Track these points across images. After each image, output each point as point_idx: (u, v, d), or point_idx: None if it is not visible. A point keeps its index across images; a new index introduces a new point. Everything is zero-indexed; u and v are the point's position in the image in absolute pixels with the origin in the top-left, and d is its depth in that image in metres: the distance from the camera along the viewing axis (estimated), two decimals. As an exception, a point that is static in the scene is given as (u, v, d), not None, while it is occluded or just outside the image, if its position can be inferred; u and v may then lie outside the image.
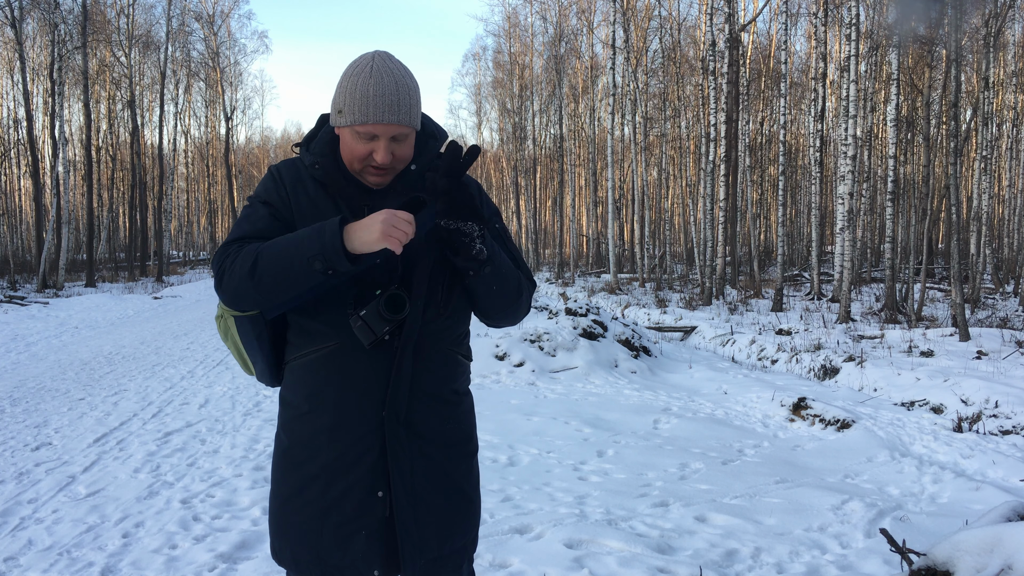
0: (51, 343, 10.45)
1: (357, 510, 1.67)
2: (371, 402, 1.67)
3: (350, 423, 1.67)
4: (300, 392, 1.72)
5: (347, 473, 1.67)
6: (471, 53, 41.53)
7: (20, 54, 21.87)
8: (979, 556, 2.35)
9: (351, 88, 1.64)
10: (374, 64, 1.65)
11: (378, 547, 1.68)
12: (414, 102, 1.68)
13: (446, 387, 1.76)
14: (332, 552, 1.68)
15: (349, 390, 1.67)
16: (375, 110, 1.62)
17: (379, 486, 1.67)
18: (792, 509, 4.06)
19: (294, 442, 1.73)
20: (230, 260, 1.63)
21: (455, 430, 1.79)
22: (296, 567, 1.73)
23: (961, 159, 16.12)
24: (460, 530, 1.77)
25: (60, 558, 3.31)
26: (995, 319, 12.60)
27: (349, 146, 1.68)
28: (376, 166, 1.67)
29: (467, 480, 1.81)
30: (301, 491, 1.71)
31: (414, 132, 1.72)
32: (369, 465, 1.67)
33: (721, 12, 19.18)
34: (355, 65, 1.67)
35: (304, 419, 1.71)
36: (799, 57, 31.47)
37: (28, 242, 32.90)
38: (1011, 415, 6.16)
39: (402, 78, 1.66)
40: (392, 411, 1.67)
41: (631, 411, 6.49)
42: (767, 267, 28.41)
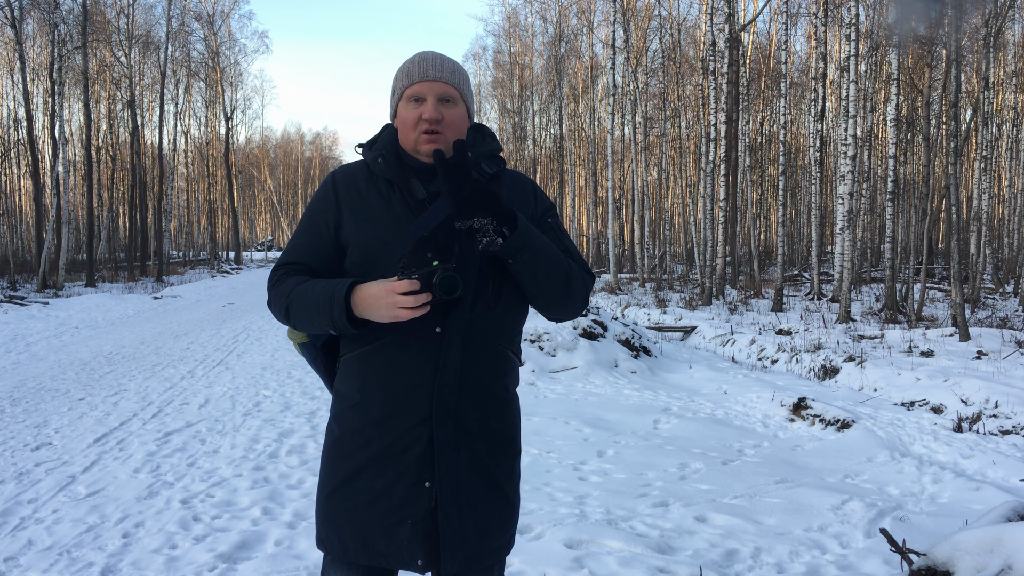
0: (51, 343, 10.45)
1: (404, 499, 1.70)
2: (421, 394, 1.69)
3: (400, 414, 1.70)
4: (352, 384, 1.76)
5: (395, 463, 1.70)
6: (471, 53, 41.51)
7: (20, 54, 21.87)
8: (979, 556, 2.35)
9: (402, 66, 1.78)
10: (427, 51, 1.80)
11: (422, 537, 1.70)
12: (459, 70, 1.79)
13: (496, 383, 1.78)
14: (379, 539, 1.71)
15: (399, 381, 1.70)
16: (420, 69, 1.74)
17: (426, 477, 1.70)
18: (792, 509, 4.06)
19: (345, 431, 1.76)
20: (274, 292, 1.80)
21: (501, 428, 1.80)
22: (344, 553, 1.75)
23: (961, 159, 16.12)
24: (499, 529, 1.79)
25: (60, 558, 3.31)
26: (995, 319, 12.60)
27: (403, 119, 1.76)
28: (428, 125, 1.71)
29: (508, 480, 1.82)
30: (351, 479, 1.74)
31: (464, 105, 1.79)
32: (416, 456, 1.69)
33: (721, 12, 19.18)
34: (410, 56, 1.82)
35: (356, 409, 1.75)
36: (799, 57, 31.49)
37: (28, 242, 32.90)
38: (1011, 415, 6.16)
39: (446, 55, 1.80)
40: (440, 403, 1.69)
41: (631, 411, 6.49)
42: (767, 267, 28.41)
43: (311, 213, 1.83)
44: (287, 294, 1.75)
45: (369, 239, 1.74)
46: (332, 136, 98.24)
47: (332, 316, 1.65)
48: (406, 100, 1.75)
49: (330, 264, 1.81)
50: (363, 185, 1.79)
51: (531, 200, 1.87)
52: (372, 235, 1.73)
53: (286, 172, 74.02)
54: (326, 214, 1.79)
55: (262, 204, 73.77)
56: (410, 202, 1.73)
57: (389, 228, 1.73)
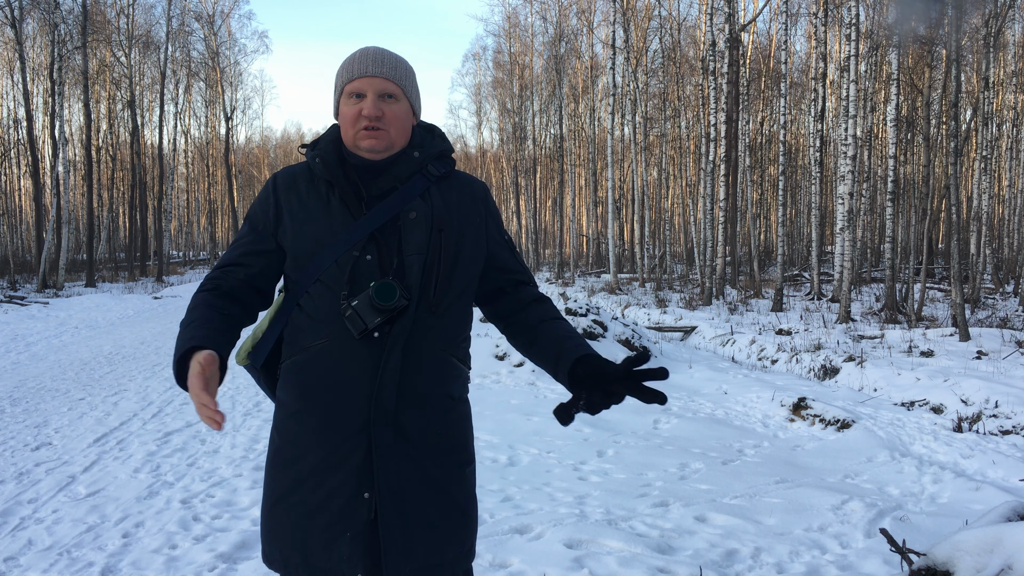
0: (51, 343, 10.45)
1: (343, 511, 1.64)
2: (359, 401, 1.63)
3: (338, 422, 1.64)
4: (291, 391, 1.71)
5: (334, 473, 1.64)
6: (471, 53, 41.57)
7: (20, 54, 21.87)
8: (979, 556, 2.35)
9: (341, 64, 1.74)
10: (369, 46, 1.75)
11: (362, 550, 1.64)
12: (401, 65, 1.73)
13: (438, 390, 1.71)
14: (319, 554, 1.65)
15: (338, 388, 1.64)
16: (360, 65, 1.69)
17: (365, 487, 1.64)
18: (792, 509, 4.06)
19: (285, 441, 1.71)
20: (191, 301, 1.74)
21: (446, 437, 1.73)
22: (285, 569, 1.70)
23: (961, 159, 16.12)
24: (452, 541, 1.72)
25: (60, 558, 3.31)
26: (995, 319, 12.60)
27: (343, 115, 1.71)
28: (367, 122, 1.67)
29: (460, 490, 1.75)
30: (291, 491, 1.68)
31: (407, 102, 1.74)
32: (355, 465, 1.63)
33: (721, 12, 19.18)
34: None
35: (295, 418, 1.69)
36: (799, 57, 31.49)
37: (28, 242, 32.91)
38: (1011, 415, 6.16)
39: (389, 50, 1.73)
40: (379, 410, 1.63)
41: (631, 411, 6.49)
42: (767, 267, 28.42)
43: (251, 215, 1.78)
44: (189, 309, 1.70)
45: (305, 241, 1.69)
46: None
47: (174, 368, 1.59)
48: (346, 96, 1.70)
49: (271, 267, 1.76)
50: (303, 187, 1.73)
51: (480, 207, 1.81)
52: (308, 236, 1.69)
53: (286, 172, 73.88)
54: (266, 216, 1.74)
55: (262, 204, 73.67)
56: (349, 204, 1.68)
57: (326, 229, 1.68)
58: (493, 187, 47.29)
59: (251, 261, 1.75)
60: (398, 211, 1.68)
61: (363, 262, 1.64)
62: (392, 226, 1.67)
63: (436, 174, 1.76)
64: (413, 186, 1.71)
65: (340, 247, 1.65)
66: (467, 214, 1.77)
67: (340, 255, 1.64)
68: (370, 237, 1.65)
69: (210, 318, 1.66)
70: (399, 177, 1.71)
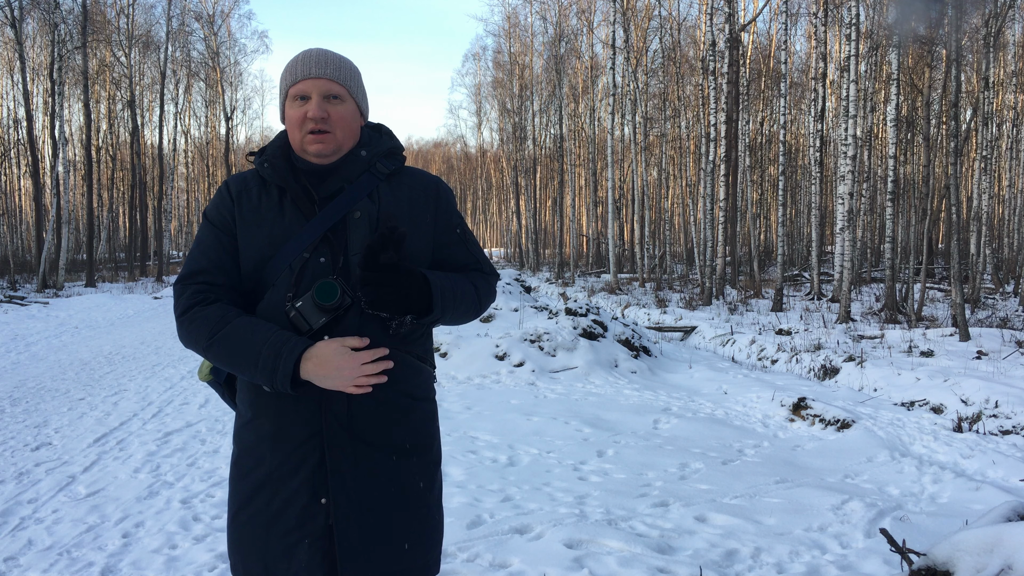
0: (51, 343, 10.45)
1: (299, 518, 1.61)
2: (310, 406, 1.60)
3: (290, 429, 1.62)
4: (244, 399, 1.69)
5: (289, 480, 1.62)
6: (471, 53, 41.54)
7: (20, 54, 21.87)
8: (979, 556, 2.35)
9: (285, 67, 1.72)
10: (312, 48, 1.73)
11: (320, 556, 1.62)
12: (345, 65, 1.71)
13: (394, 390, 1.66)
14: (279, 562, 1.63)
15: (287, 396, 1.60)
16: (303, 67, 1.67)
17: (321, 493, 1.61)
18: (792, 509, 4.06)
19: (242, 450, 1.69)
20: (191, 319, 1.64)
21: (408, 438, 1.69)
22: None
23: (961, 159, 16.12)
24: (415, 548, 1.68)
25: (60, 558, 3.31)
26: (995, 319, 12.60)
27: (289, 118, 1.69)
28: (313, 124, 1.65)
29: (426, 494, 1.71)
30: (249, 500, 1.66)
31: (353, 102, 1.72)
32: (309, 471, 1.61)
33: (721, 12, 19.18)
34: None
35: (249, 426, 1.68)
36: (799, 57, 31.49)
37: (28, 242, 32.91)
38: (1011, 415, 6.16)
39: (333, 51, 1.71)
40: (330, 414, 1.61)
41: (631, 411, 6.49)
42: (767, 267, 28.41)
43: (210, 223, 1.73)
44: (211, 328, 1.61)
45: (260, 244, 1.67)
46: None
47: (273, 377, 1.54)
48: (291, 99, 1.68)
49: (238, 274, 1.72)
50: (255, 192, 1.71)
51: (431, 203, 1.77)
52: (263, 240, 1.67)
53: (286, 172, 73.95)
54: (224, 221, 1.71)
55: (262, 204, 73.73)
56: (301, 206, 1.67)
57: (280, 232, 1.66)
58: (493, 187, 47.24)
59: (220, 268, 1.70)
60: (346, 211, 1.66)
61: (315, 264, 1.62)
62: (342, 226, 1.66)
63: (385, 172, 1.74)
64: (360, 186, 1.69)
65: (293, 250, 1.63)
66: (417, 210, 1.74)
67: (293, 258, 1.63)
68: (323, 238, 1.64)
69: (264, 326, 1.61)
70: (347, 178, 1.70)
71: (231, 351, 1.58)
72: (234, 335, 1.59)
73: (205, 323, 1.61)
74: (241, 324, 1.60)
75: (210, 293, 1.67)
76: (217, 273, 1.68)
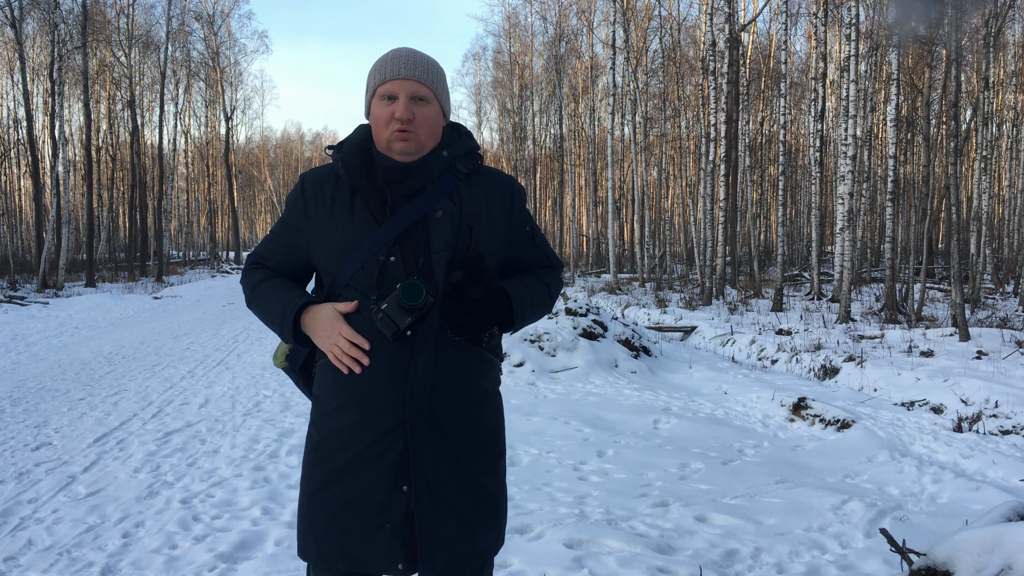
0: (51, 343, 10.45)
1: (381, 504, 1.69)
2: (394, 398, 1.68)
3: (374, 418, 1.70)
4: (328, 388, 1.76)
5: (372, 467, 1.69)
6: (471, 53, 41.55)
7: (20, 54, 21.86)
8: (979, 556, 2.35)
9: (374, 65, 1.77)
10: (400, 47, 1.79)
11: (401, 541, 1.69)
12: (433, 68, 1.76)
13: (471, 384, 1.76)
14: (358, 545, 1.70)
15: (372, 386, 1.69)
16: (392, 67, 1.72)
17: (403, 481, 1.69)
18: (792, 509, 4.06)
19: (324, 436, 1.76)
20: (242, 279, 1.92)
21: (481, 429, 1.78)
22: (323, 561, 1.74)
23: (961, 159, 16.12)
24: (483, 531, 1.77)
25: (60, 558, 3.31)
26: (995, 319, 12.59)
27: (375, 117, 1.75)
28: (400, 126, 1.70)
29: (492, 481, 1.80)
30: (329, 484, 1.73)
31: (438, 104, 1.77)
32: (392, 460, 1.69)
33: (721, 12, 19.18)
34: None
35: (333, 414, 1.74)
36: (799, 57, 31.49)
37: (28, 242, 32.89)
38: (1011, 415, 6.16)
39: (421, 52, 1.78)
40: (413, 406, 1.68)
41: (631, 411, 6.49)
42: (767, 267, 28.40)
43: (283, 216, 1.87)
44: (251, 288, 1.86)
45: (332, 246, 1.73)
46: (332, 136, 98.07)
47: (282, 329, 1.75)
48: (379, 98, 1.73)
49: (299, 267, 1.86)
50: (329, 191, 1.77)
51: (506, 204, 1.84)
52: (334, 242, 1.73)
53: (286, 172, 74.00)
54: (295, 218, 1.81)
55: (262, 204, 73.77)
56: (372, 207, 1.72)
57: (350, 234, 1.72)
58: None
59: (278, 261, 1.86)
60: (426, 211, 1.72)
61: (388, 264, 1.68)
62: (420, 226, 1.71)
63: (464, 171, 1.80)
64: (442, 185, 1.75)
65: (366, 251, 1.69)
66: (493, 209, 1.81)
67: (365, 260, 1.69)
68: (396, 239, 1.69)
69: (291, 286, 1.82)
70: (429, 176, 1.75)
71: (260, 306, 1.82)
72: (263, 293, 1.81)
73: (249, 283, 1.87)
74: (269, 284, 1.82)
75: (268, 266, 1.90)
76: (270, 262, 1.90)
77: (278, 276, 1.85)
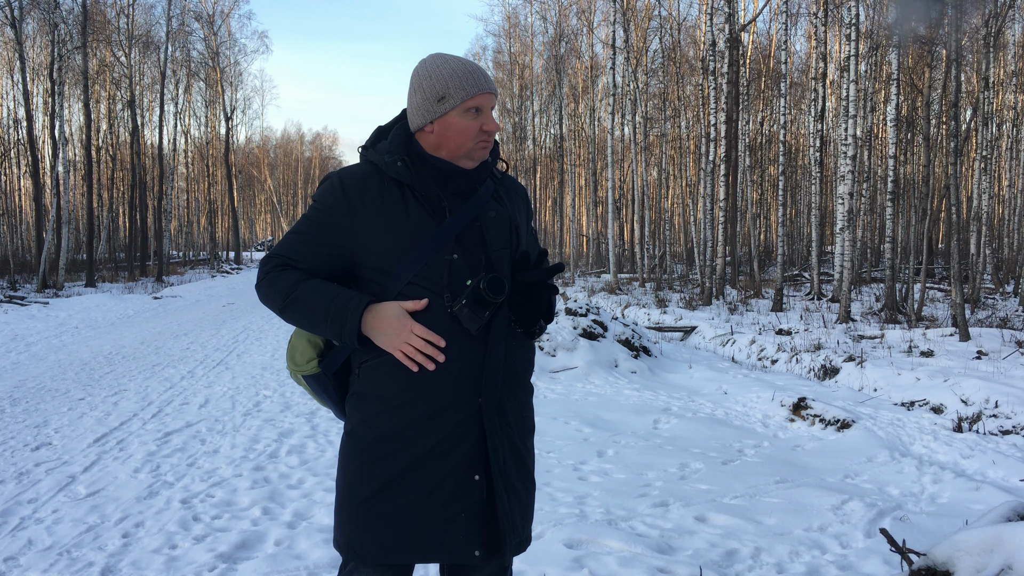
0: (51, 343, 10.45)
1: (455, 494, 1.73)
2: (469, 389, 1.73)
3: (449, 411, 1.73)
4: (391, 385, 1.75)
5: (444, 460, 1.73)
6: (471, 53, 41.42)
7: (20, 54, 21.86)
8: (979, 556, 2.35)
9: (448, 73, 1.76)
10: (451, 55, 1.82)
11: (477, 528, 1.74)
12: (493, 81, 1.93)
13: (528, 374, 1.88)
14: (430, 537, 1.73)
15: (447, 379, 1.73)
16: (481, 80, 1.77)
17: (476, 470, 1.74)
18: (792, 509, 4.06)
19: (382, 435, 1.75)
20: (269, 282, 1.80)
21: (530, 418, 1.91)
22: (386, 556, 1.75)
23: (961, 159, 16.12)
24: (533, 515, 1.91)
25: (60, 558, 3.31)
26: (995, 319, 12.59)
27: (459, 128, 1.77)
28: (486, 137, 1.79)
29: (533, 464, 1.93)
30: (394, 482, 1.74)
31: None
32: (466, 450, 1.74)
33: (721, 12, 19.18)
34: (435, 59, 1.80)
35: (397, 411, 1.75)
36: (799, 57, 31.48)
37: (28, 242, 32.87)
38: (1011, 415, 6.16)
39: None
40: (488, 397, 1.74)
41: (631, 411, 6.49)
42: (767, 267, 28.40)
43: (318, 217, 1.79)
44: (287, 290, 1.76)
45: (390, 247, 1.74)
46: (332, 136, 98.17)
47: (342, 330, 1.70)
48: (463, 110, 1.76)
49: (335, 268, 1.81)
50: (376, 189, 1.77)
51: (525, 204, 1.99)
52: (393, 243, 1.74)
53: (286, 172, 73.99)
54: (338, 217, 1.77)
55: (262, 204, 73.75)
56: (427, 207, 1.76)
57: (408, 234, 1.74)
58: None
59: (311, 263, 1.80)
60: (480, 211, 1.79)
61: (454, 262, 1.73)
62: (472, 226, 1.78)
63: (499, 175, 1.92)
64: (488, 188, 1.84)
65: (429, 250, 1.72)
66: (519, 208, 1.94)
67: (431, 257, 1.72)
68: (455, 238, 1.75)
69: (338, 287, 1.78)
70: (476, 180, 1.82)
71: (305, 309, 1.73)
72: (308, 295, 1.73)
73: (282, 286, 1.77)
74: (311, 285, 1.75)
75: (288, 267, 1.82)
76: (301, 264, 1.81)
77: (314, 278, 1.78)
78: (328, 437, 5.38)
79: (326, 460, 4.81)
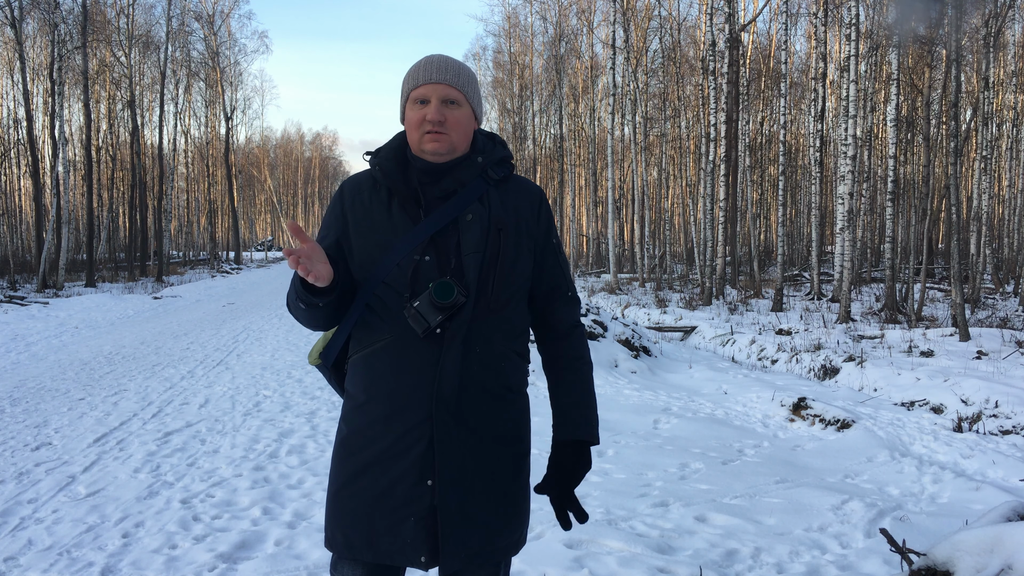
0: (51, 343, 10.45)
1: (406, 497, 1.73)
2: (422, 394, 1.73)
3: (402, 413, 1.74)
4: (358, 384, 1.81)
5: (399, 461, 1.74)
6: (471, 53, 41.45)
7: (20, 54, 21.86)
8: (979, 556, 2.35)
9: (411, 69, 1.83)
10: (434, 54, 1.84)
11: (425, 534, 1.73)
12: (464, 72, 1.83)
13: (498, 383, 1.80)
14: (383, 537, 1.75)
15: (401, 382, 1.74)
16: (424, 72, 1.79)
17: (428, 475, 1.73)
18: (792, 509, 4.06)
19: (352, 431, 1.81)
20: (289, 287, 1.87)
21: (506, 428, 1.83)
22: (349, 551, 1.78)
23: (961, 159, 16.13)
24: (505, 530, 1.81)
25: (60, 558, 3.31)
26: (995, 319, 12.59)
27: (409, 120, 1.81)
28: (431, 126, 1.76)
29: (515, 481, 1.84)
30: (356, 478, 1.77)
31: (469, 107, 1.83)
32: (419, 454, 1.73)
33: (721, 12, 19.18)
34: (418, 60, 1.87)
35: (362, 409, 1.79)
36: (799, 57, 31.49)
37: (28, 242, 32.87)
38: (1011, 415, 6.16)
39: (453, 58, 1.84)
40: (440, 404, 1.72)
41: (631, 411, 6.49)
42: (767, 267, 28.41)
43: (325, 220, 1.92)
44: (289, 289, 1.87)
45: (370, 246, 1.80)
46: (332, 136, 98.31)
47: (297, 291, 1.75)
48: (412, 102, 1.80)
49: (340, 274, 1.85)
50: (367, 195, 1.84)
51: (535, 212, 1.90)
52: (373, 242, 1.79)
53: (286, 172, 74.01)
54: (336, 223, 1.86)
55: (262, 204, 73.76)
56: (408, 209, 1.79)
57: (389, 234, 1.78)
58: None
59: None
60: (457, 214, 1.78)
61: (423, 263, 1.74)
62: (451, 228, 1.77)
63: (495, 178, 1.87)
64: (473, 190, 1.81)
65: (401, 250, 1.75)
66: (521, 216, 1.87)
67: (402, 258, 1.75)
68: (430, 240, 1.75)
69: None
70: (461, 180, 1.81)
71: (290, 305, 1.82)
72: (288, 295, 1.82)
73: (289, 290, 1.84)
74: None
75: None
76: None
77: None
78: (328, 437, 5.38)
79: (326, 460, 4.81)
